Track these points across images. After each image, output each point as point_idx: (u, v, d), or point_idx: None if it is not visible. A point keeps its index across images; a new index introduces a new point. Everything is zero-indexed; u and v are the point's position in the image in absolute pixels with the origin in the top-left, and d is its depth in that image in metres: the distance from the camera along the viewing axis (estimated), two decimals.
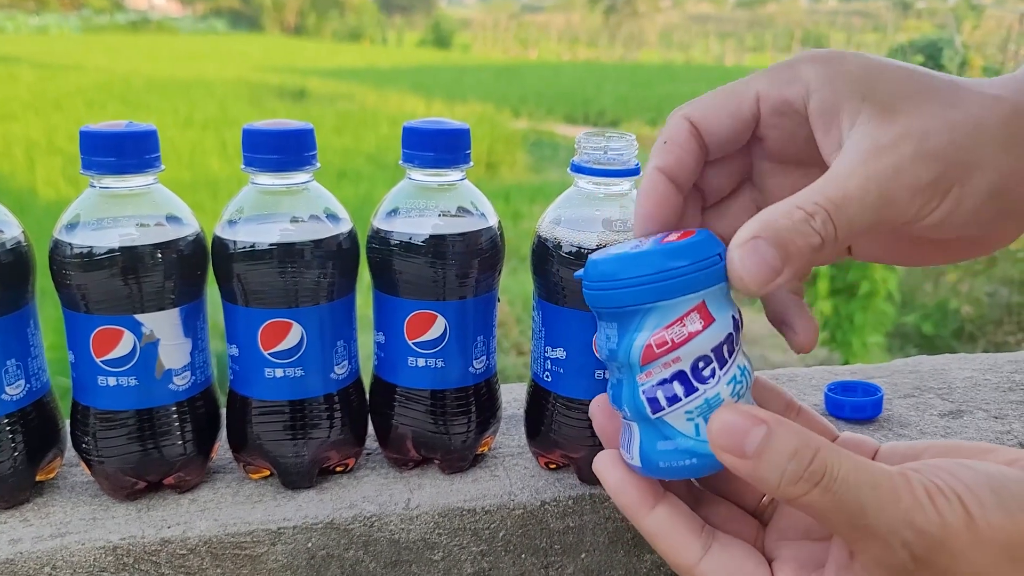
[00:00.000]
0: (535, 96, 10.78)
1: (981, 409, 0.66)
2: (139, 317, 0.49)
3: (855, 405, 0.63)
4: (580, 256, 0.50)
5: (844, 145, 0.35)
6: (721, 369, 0.35)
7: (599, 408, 0.41)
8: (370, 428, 0.57)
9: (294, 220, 0.51)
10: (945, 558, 0.31)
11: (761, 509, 0.41)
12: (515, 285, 3.53)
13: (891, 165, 0.34)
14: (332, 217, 0.52)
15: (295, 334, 0.51)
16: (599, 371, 0.52)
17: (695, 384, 0.34)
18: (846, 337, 3.61)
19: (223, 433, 0.55)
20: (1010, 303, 4.05)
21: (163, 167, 0.50)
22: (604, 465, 0.39)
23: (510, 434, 0.61)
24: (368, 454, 0.58)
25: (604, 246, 0.50)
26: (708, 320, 0.34)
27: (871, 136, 0.34)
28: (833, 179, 0.34)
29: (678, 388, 0.35)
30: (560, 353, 0.53)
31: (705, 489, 0.42)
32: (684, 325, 0.34)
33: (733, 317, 0.35)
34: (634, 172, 0.51)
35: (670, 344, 0.34)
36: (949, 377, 0.72)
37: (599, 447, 0.53)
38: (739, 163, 0.41)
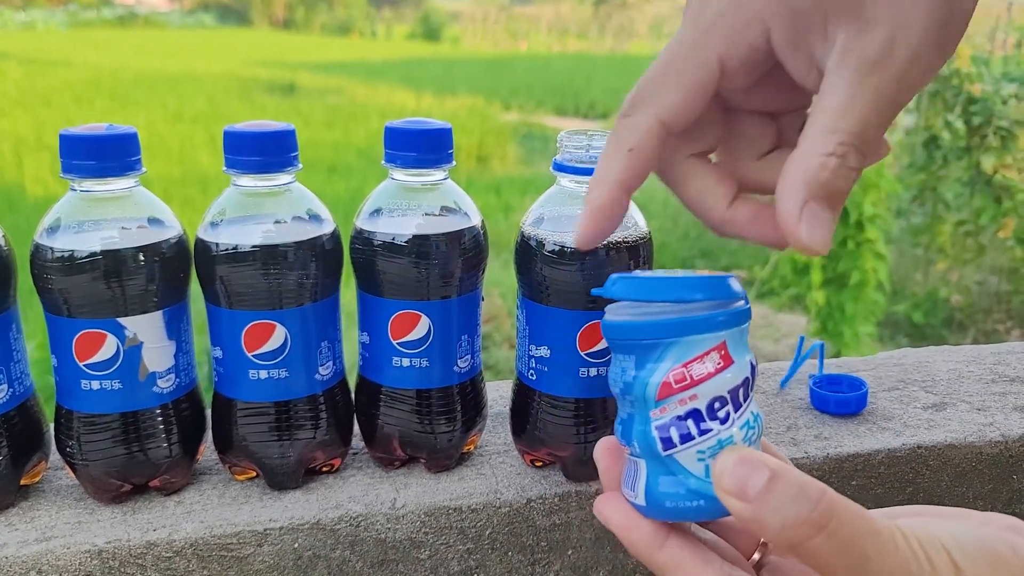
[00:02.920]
0: (525, 88, 10.75)
1: (964, 401, 0.66)
2: (122, 320, 0.49)
3: (840, 400, 0.64)
4: (563, 255, 0.50)
5: (829, 64, 0.32)
6: (736, 412, 0.35)
7: (605, 450, 0.39)
8: (356, 428, 0.57)
9: (277, 221, 0.51)
10: None
11: (754, 563, 0.41)
12: (507, 278, 3.52)
13: (890, 77, 0.32)
14: (315, 218, 0.52)
15: (279, 335, 0.51)
16: (583, 369, 0.52)
17: (710, 424, 0.34)
18: (837, 327, 3.62)
19: (208, 435, 0.55)
20: (999, 292, 4.06)
21: (144, 170, 0.50)
22: (607, 505, 0.37)
23: (496, 432, 0.61)
24: (354, 454, 0.58)
25: None
26: (728, 361, 0.34)
27: (858, 50, 0.32)
28: (842, 108, 0.32)
29: (692, 426, 0.34)
30: (544, 351, 0.53)
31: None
32: (704, 363, 0.34)
33: (750, 363, 0.35)
34: None
35: (689, 381, 0.34)
36: (933, 370, 0.72)
37: (584, 444, 0.54)
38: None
